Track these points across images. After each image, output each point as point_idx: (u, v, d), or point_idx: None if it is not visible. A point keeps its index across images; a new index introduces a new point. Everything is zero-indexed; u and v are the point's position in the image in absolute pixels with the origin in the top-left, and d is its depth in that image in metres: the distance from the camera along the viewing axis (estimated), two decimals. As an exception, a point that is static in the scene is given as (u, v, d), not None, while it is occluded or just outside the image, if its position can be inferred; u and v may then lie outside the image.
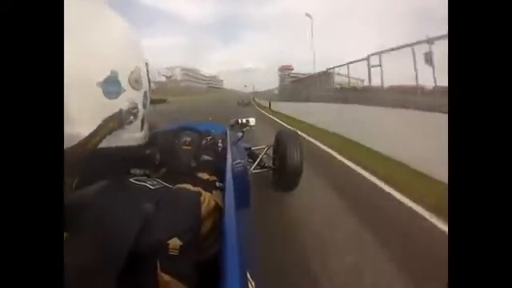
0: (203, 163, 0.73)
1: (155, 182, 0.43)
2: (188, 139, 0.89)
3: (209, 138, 0.90)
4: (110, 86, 0.43)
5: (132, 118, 0.46)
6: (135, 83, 0.47)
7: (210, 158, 0.77)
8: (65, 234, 0.34)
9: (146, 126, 0.53)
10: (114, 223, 0.35)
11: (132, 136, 0.48)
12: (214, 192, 0.52)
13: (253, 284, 0.41)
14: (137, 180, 0.42)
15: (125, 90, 0.45)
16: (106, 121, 0.42)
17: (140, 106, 0.48)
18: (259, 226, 1.92)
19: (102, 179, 0.39)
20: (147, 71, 0.54)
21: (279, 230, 2.09)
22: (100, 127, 0.41)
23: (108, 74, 0.42)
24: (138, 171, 0.49)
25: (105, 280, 0.32)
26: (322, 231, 2.09)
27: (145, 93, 0.51)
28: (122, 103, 0.44)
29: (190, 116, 11.17)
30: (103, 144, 0.42)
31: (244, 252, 0.43)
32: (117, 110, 0.44)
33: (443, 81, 4.24)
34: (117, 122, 0.43)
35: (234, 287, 0.33)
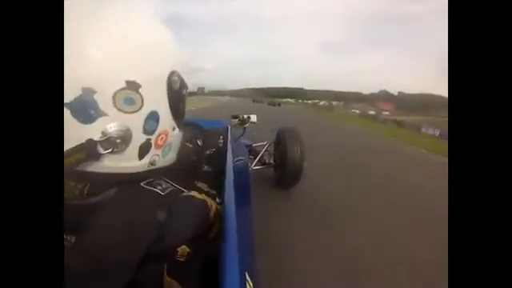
0: (204, 174, 0.73)
1: (164, 186, 0.43)
2: (189, 135, 0.89)
3: (213, 150, 0.90)
4: (81, 107, 0.34)
5: (113, 148, 0.37)
6: (125, 104, 0.36)
7: (210, 170, 0.77)
8: (74, 239, 0.35)
9: (156, 152, 0.43)
10: (126, 233, 0.36)
11: (124, 167, 0.40)
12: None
13: (251, 285, 0.41)
14: (147, 184, 0.42)
15: (106, 114, 0.35)
16: (69, 152, 0.34)
17: (137, 132, 0.39)
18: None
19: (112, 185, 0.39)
20: (168, 84, 0.42)
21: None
22: None
23: (79, 92, 0.34)
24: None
25: (113, 284, 0.33)
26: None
27: (151, 114, 0.39)
28: (98, 130, 0.35)
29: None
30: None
31: (243, 252, 0.43)
32: (87, 138, 0.35)
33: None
34: (84, 153, 0.35)
35: (232, 287, 0.33)
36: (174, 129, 0.46)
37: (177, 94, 0.44)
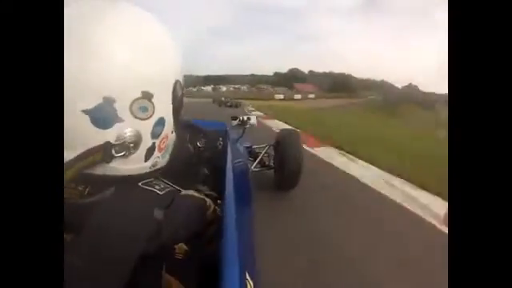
0: (204, 177, 0.74)
1: (162, 186, 0.43)
2: (187, 136, 0.89)
3: (212, 150, 0.90)
4: (100, 114, 0.36)
5: (125, 152, 0.39)
6: (140, 112, 0.39)
7: (209, 173, 0.78)
8: (71, 237, 0.35)
9: (158, 154, 0.45)
10: (125, 231, 0.36)
11: (129, 168, 0.42)
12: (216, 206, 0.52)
13: (251, 284, 0.41)
14: (145, 184, 0.42)
15: (122, 120, 0.38)
16: (86, 153, 0.36)
17: (146, 136, 0.41)
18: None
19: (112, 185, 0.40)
20: (174, 92, 0.45)
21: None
22: (77, 159, 0.35)
23: (100, 101, 0.36)
24: None
25: (110, 283, 0.33)
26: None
27: (159, 120, 0.42)
28: (113, 134, 0.38)
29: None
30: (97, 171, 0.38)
31: (243, 252, 0.43)
32: (104, 141, 0.37)
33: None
34: (101, 155, 0.37)
35: (232, 287, 0.33)
36: (172, 132, 0.48)
37: (179, 100, 0.47)
